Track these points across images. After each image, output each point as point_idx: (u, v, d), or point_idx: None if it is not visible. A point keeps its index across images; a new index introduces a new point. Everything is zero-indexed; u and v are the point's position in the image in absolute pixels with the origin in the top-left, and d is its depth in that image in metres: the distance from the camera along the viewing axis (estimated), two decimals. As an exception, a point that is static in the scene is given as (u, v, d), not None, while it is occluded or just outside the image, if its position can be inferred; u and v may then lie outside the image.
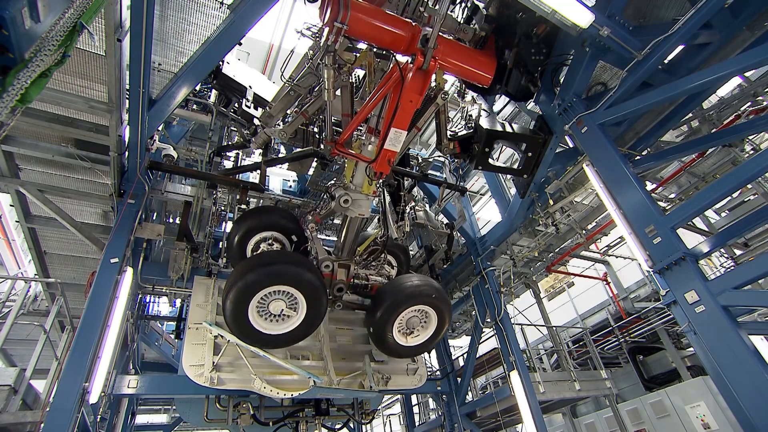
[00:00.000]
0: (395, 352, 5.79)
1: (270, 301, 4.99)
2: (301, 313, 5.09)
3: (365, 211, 5.14)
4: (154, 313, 11.24)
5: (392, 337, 5.52)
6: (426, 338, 5.77)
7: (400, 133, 4.34)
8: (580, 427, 12.02)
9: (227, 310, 4.85)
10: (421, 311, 5.62)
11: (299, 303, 5.07)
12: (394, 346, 5.62)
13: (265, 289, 4.82)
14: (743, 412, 3.77)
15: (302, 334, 5.24)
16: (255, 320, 4.98)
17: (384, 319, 5.38)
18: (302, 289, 4.95)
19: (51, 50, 1.79)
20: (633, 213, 5.00)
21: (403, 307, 5.39)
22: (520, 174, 6.53)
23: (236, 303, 4.82)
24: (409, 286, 5.41)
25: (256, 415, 6.85)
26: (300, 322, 5.10)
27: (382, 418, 16.86)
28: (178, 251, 6.73)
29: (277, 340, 5.18)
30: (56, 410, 4.37)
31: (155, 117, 5.25)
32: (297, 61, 5.89)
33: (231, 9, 4.64)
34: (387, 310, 5.33)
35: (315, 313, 5.12)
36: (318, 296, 5.03)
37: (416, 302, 5.46)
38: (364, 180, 4.98)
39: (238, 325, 4.99)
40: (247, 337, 5.13)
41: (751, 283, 4.14)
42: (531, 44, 5.60)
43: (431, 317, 5.73)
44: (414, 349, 5.81)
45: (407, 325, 5.60)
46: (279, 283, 4.86)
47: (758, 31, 5.12)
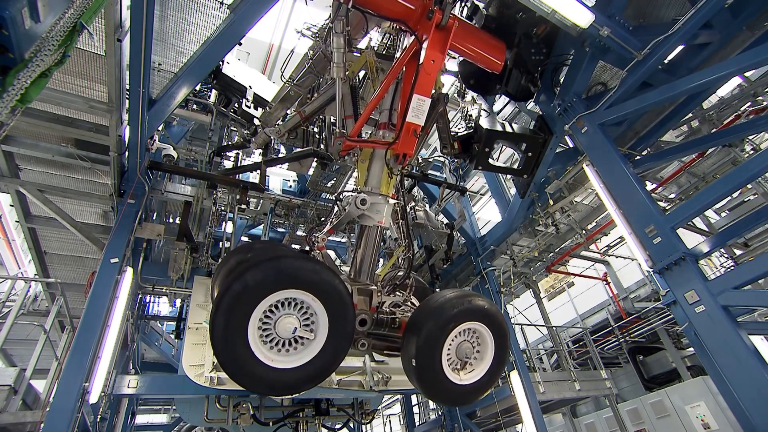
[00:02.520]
0: (451, 397, 3.97)
1: (278, 317, 3.28)
2: (320, 336, 3.38)
3: (385, 217, 4.02)
4: (154, 313, 11.24)
5: (444, 376, 3.83)
6: (485, 371, 4.03)
7: (424, 100, 3.76)
8: (580, 427, 12.02)
9: (217, 331, 3.06)
10: (471, 332, 4.05)
11: (318, 319, 3.39)
12: (449, 387, 3.86)
13: (273, 295, 3.23)
14: (743, 412, 3.78)
15: (321, 370, 3.42)
16: (257, 347, 3.22)
17: (429, 351, 3.72)
18: (323, 296, 3.37)
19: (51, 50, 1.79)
20: (633, 213, 5.00)
21: (449, 327, 3.84)
22: (520, 174, 6.53)
23: (233, 318, 3.12)
24: (448, 299, 3.95)
25: (256, 415, 6.85)
26: (320, 349, 3.37)
27: (382, 418, 16.86)
28: (178, 251, 6.73)
29: (286, 379, 3.32)
30: (56, 410, 4.36)
31: (155, 117, 5.25)
32: (297, 61, 5.89)
33: (231, 9, 4.64)
34: (430, 336, 3.72)
35: (340, 336, 3.42)
36: (344, 307, 3.43)
37: (463, 319, 3.94)
38: (382, 175, 4.08)
39: (234, 356, 3.14)
40: (245, 374, 3.21)
41: (751, 283, 4.15)
42: (531, 44, 5.60)
43: (485, 339, 4.08)
44: (473, 388, 3.98)
45: (458, 355, 3.93)
46: (292, 286, 3.28)
47: (758, 31, 5.13)
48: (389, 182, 4.14)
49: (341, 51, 4.06)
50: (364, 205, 3.87)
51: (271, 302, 3.25)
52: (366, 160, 4.14)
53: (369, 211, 3.94)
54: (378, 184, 4.09)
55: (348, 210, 3.91)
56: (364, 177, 4.14)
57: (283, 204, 9.35)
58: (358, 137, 4.14)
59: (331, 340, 3.40)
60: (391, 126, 4.10)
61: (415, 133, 3.79)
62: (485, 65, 4.81)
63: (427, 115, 3.96)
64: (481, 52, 4.70)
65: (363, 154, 4.15)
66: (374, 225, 4.01)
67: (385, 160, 3.95)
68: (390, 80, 3.94)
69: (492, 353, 4.11)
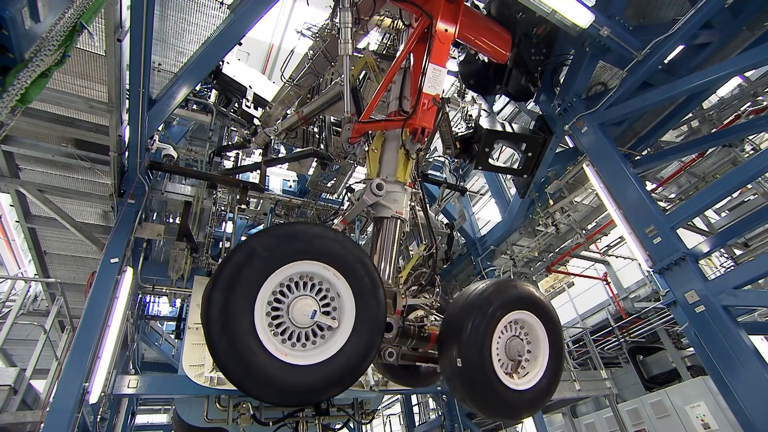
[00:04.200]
0: (508, 407, 3.19)
1: (292, 300, 2.58)
2: (346, 324, 2.65)
3: (403, 207, 3.57)
4: (154, 313, 11.25)
5: (498, 379, 3.10)
6: (541, 373, 3.34)
7: (440, 70, 3.53)
8: (580, 427, 12.02)
9: (213, 314, 2.30)
10: (519, 326, 3.44)
11: (342, 303, 2.68)
12: (504, 394, 3.12)
13: (285, 268, 2.52)
14: (743, 412, 3.78)
15: (349, 369, 2.59)
16: (266, 336, 2.46)
17: (476, 347, 3.04)
18: (348, 271, 2.68)
19: (51, 50, 1.79)
20: (633, 213, 5.00)
21: (496, 316, 3.20)
22: (520, 174, 6.54)
23: (234, 295, 2.36)
24: (490, 285, 3.35)
25: (256, 415, 6.85)
26: (346, 340, 2.60)
27: (382, 418, 16.86)
28: (178, 251, 6.74)
29: (306, 380, 2.47)
30: (56, 410, 4.36)
31: (155, 117, 5.25)
32: (297, 61, 5.90)
33: (231, 9, 4.64)
34: (475, 328, 3.07)
35: (370, 323, 2.69)
36: (374, 287, 2.74)
37: (511, 307, 3.33)
38: (397, 161, 3.66)
39: (235, 346, 2.33)
40: (251, 372, 2.35)
41: (751, 283, 4.15)
42: (531, 44, 5.61)
43: (536, 332, 3.44)
44: (532, 396, 3.26)
45: (508, 354, 3.27)
46: (309, 257, 2.59)
47: (758, 31, 5.13)
48: (406, 167, 3.70)
49: (348, 27, 3.83)
50: (381, 190, 3.38)
51: (282, 278, 2.55)
52: (377, 149, 3.78)
53: (385, 200, 3.47)
54: (393, 171, 3.64)
55: (363, 197, 3.39)
56: (376, 167, 3.73)
57: (283, 204, 9.35)
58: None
59: (360, 328, 2.64)
60: (402, 113, 3.81)
61: (435, 101, 3.49)
62: (491, 54, 4.71)
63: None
64: (487, 40, 4.58)
65: (374, 143, 3.81)
66: (392, 216, 3.50)
67: (401, 140, 3.57)
68: (401, 58, 3.78)
69: (547, 350, 3.42)
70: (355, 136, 3.74)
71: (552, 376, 3.38)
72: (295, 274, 2.62)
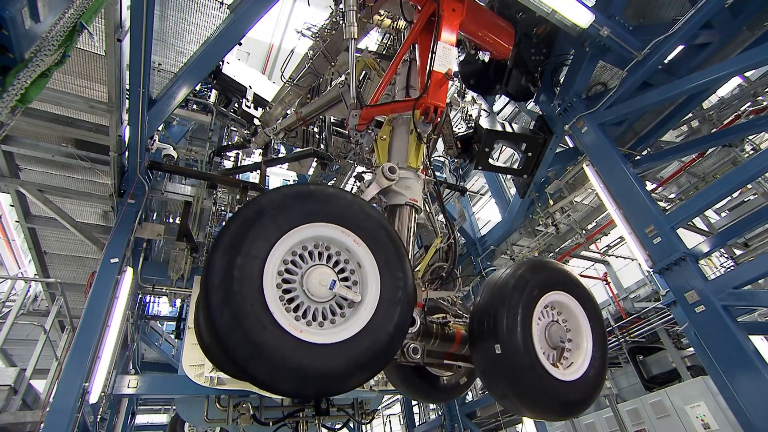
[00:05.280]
0: (557, 402, 2.75)
1: (306, 270, 2.23)
2: (370, 297, 2.26)
3: (417, 194, 3.35)
4: (154, 313, 11.26)
5: (543, 369, 2.68)
6: (587, 361, 2.96)
7: (450, 48, 3.39)
8: (580, 427, 12.01)
9: (213, 281, 1.94)
10: (556, 309, 3.09)
11: (364, 274, 2.32)
12: (552, 386, 2.69)
13: (299, 230, 2.19)
14: (743, 412, 3.77)
15: (378, 350, 2.17)
16: (278, 309, 2.04)
17: (516, 331, 2.65)
18: (370, 237, 2.36)
19: (51, 50, 1.79)
20: (633, 213, 5.00)
21: (533, 297, 2.84)
22: (520, 174, 6.53)
23: (240, 259, 1.99)
24: (522, 265, 3.02)
25: (256, 415, 6.85)
26: (371, 315, 2.20)
27: (382, 418, 16.86)
28: (178, 251, 6.74)
29: (327, 364, 2.03)
30: (56, 410, 4.37)
31: (155, 117, 5.25)
32: (297, 61, 5.90)
33: (231, 9, 4.64)
34: (512, 310, 2.71)
35: (399, 295, 2.30)
36: (401, 256, 2.42)
37: (547, 287, 2.97)
38: (408, 147, 3.44)
39: (241, 321, 1.90)
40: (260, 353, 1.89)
41: (751, 283, 4.15)
42: (531, 44, 5.60)
43: (576, 316, 3.08)
44: (582, 387, 2.86)
45: (550, 341, 2.90)
46: (325, 219, 2.27)
47: (758, 31, 5.12)
48: (418, 153, 3.47)
49: (353, 10, 3.75)
50: (394, 174, 3.09)
51: (294, 243, 2.19)
52: (386, 137, 3.60)
53: (398, 186, 3.23)
54: (405, 158, 3.41)
55: (375, 182, 3.12)
56: (385, 156, 3.53)
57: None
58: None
59: (387, 302, 2.25)
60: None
61: (447, 76, 3.30)
62: (494, 48, 4.64)
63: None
64: (490, 33, 4.51)
65: (382, 131, 3.63)
66: (405, 203, 3.26)
67: (412, 124, 3.37)
68: (409, 42, 3.71)
69: (590, 335, 3.05)
70: (363, 122, 3.54)
71: (600, 366, 2.99)
72: (309, 239, 2.26)
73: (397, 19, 5.53)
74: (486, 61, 6.27)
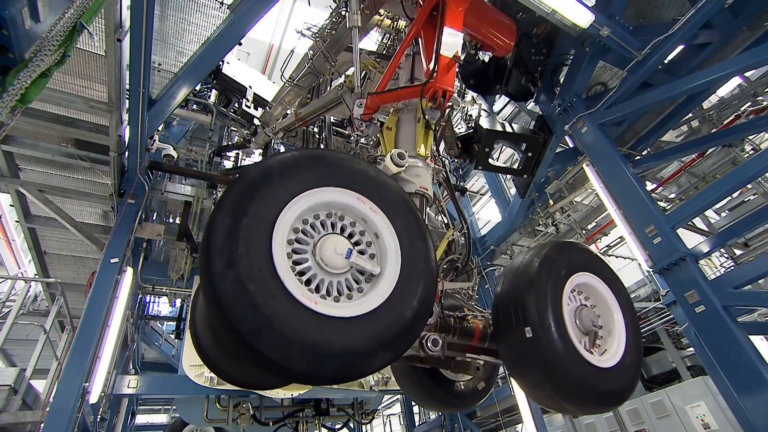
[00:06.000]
0: (597, 389, 2.47)
1: (319, 239, 2.03)
2: (390, 270, 2.05)
3: (427, 182, 3.21)
4: (154, 313, 11.25)
5: (578, 353, 2.44)
6: (622, 347, 2.73)
7: (456, 34, 3.31)
8: (580, 427, 12.01)
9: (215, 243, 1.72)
10: (583, 294, 2.86)
11: (382, 245, 2.12)
12: (590, 373, 2.44)
13: (310, 194, 2.00)
14: (743, 412, 3.77)
15: (398, 326, 1.91)
16: (289, 278, 1.79)
17: (547, 311, 2.44)
18: (388, 205, 2.18)
19: (51, 50, 1.79)
20: (633, 213, 5.00)
21: (561, 276, 2.66)
22: (520, 174, 6.53)
23: (245, 219, 1.79)
24: (544, 248, 2.85)
25: (256, 415, 6.85)
26: (391, 291, 1.98)
27: (382, 418, 16.87)
28: (178, 251, 6.74)
29: (344, 337, 1.75)
30: (56, 410, 4.37)
31: (155, 117, 5.26)
32: (297, 61, 5.90)
33: (231, 9, 4.64)
34: (541, 289, 2.50)
35: (421, 268, 2.10)
36: (420, 227, 2.23)
37: (575, 268, 2.78)
38: (416, 134, 3.35)
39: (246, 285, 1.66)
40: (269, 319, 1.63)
41: (751, 283, 4.15)
42: (531, 44, 5.61)
43: (604, 298, 2.86)
44: (621, 375, 2.62)
45: (581, 325, 2.67)
46: (339, 184, 2.09)
47: (758, 31, 5.12)
48: (426, 140, 3.34)
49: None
50: (403, 160, 2.91)
51: (305, 208, 1.97)
52: (392, 127, 3.49)
53: (407, 174, 3.08)
54: (413, 146, 3.30)
55: (383, 166, 2.93)
56: (392, 146, 3.40)
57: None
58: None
59: (409, 275, 2.02)
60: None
61: (456, 58, 3.21)
62: (495, 44, 4.58)
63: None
64: (492, 29, 4.46)
65: (388, 121, 3.55)
66: (416, 192, 3.11)
67: (420, 110, 3.27)
68: (411, 35, 3.63)
69: (621, 319, 2.82)
70: (368, 111, 3.42)
71: (635, 353, 2.76)
72: (321, 205, 2.05)
73: (397, 19, 5.54)
74: (486, 61, 6.27)
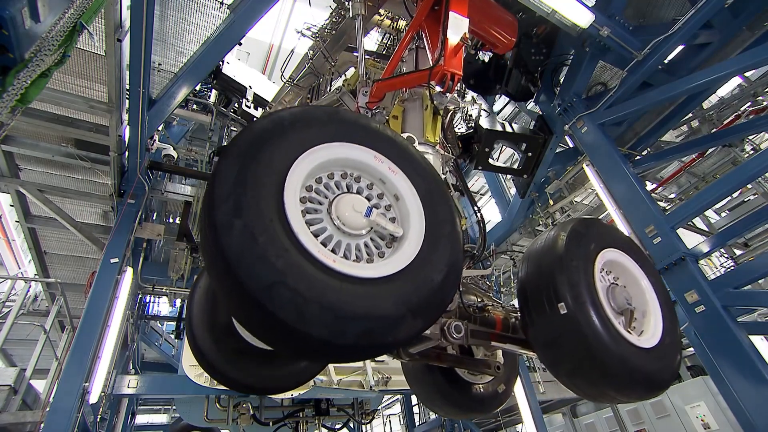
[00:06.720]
0: (641, 372, 2.23)
1: (335, 198, 1.84)
2: (413, 232, 1.84)
3: (437, 169, 3.07)
4: (154, 313, 11.25)
5: (617, 332, 2.23)
6: (660, 326, 2.52)
7: (461, 19, 3.25)
8: (580, 427, 12.02)
9: (220, 190, 1.50)
10: (612, 273, 2.65)
11: (404, 207, 1.94)
12: (631, 353, 2.22)
13: (326, 146, 1.83)
14: (743, 412, 3.77)
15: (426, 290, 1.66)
16: (303, 232, 1.55)
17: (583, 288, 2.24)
18: (408, 165, 2.02)
19: (51, 50, 1.79)
20: (633, 213, 5.00)
21: (591, 250, 2.47)
22: (520, 174, 6.52)
23: (255, 165, 1.58)
24: (569, 222, 2.63)
25: (256, 415, 6.86)
26: (416, 253, 1.73)
27: (382, 418, 16.86)
28: (178, 251, 6.74)
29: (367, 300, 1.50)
30: (56, 410, 4.36)
31: (155, 117, 5.25)
32: (297, 61, 5.90)
33: (231, 9, 4.64)
34: (576, 267, 2.31)
35: (444, 233, 1.88)
36: (444, 192, 2.09)
37: (603, 243, 2.56)
38: (424, 121, 3.24)
39: (256, 236, 1.42)
40: (283, 274, 1.39)
41: (751, 283, 4.15)
42: (531, 44, 5.61)
43: (635, 275, 2.67)
44: (662, 356, 2.40)
45: (615, 303, 2.46)
46: (355, 139, 1.92)
47: (758, 31, 5.13)
48: (435, 126, 3.22)
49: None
50: (413, 144, 2.66)
51: (318, 163, 1.79)
52: (398, 116, 3.41)
53: None
54: (421, 134, 3.19)
55: None
56: (399, 128, 3.32)
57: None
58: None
59: (434, 238, 1.82)
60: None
61: (463, 39, 3.13)
62: (496, 41, 4.51)
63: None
64: (493, 24, 4.40)
65: (394, 110, 3.47)
66: None
67: (429, 94, 3.14)
68: (417, 19, 3.57)
69: (655, 297, 2.62)
70: (374, 99, 3.32)
71: (674, 333, 2.55)
72: (337, 162, 1.86)
73: (397, 19, 5.53)
74: (486, 61, 6.27)
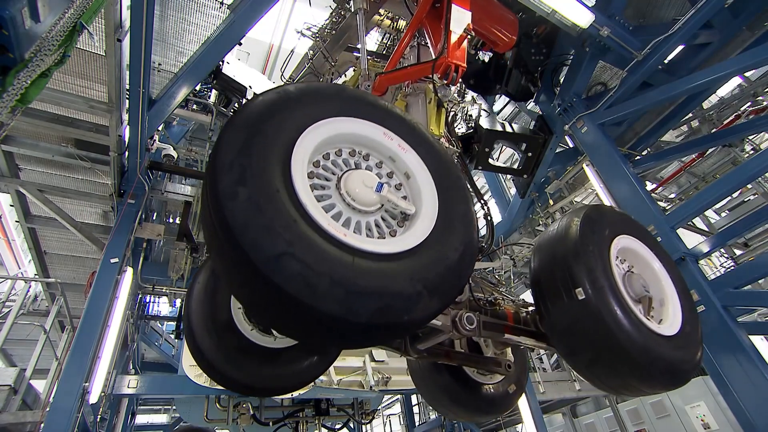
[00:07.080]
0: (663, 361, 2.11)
1: (345, 173, 1.76)
2: (426, 210, 1.75)
3: None
4: (154, 313, 11.25)
5: (636, 318, 2.12)
6: (679, 314, 2.41)
7: (464, 12, 3.24)
8: (580, 427, 12.02)
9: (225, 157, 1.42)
10: (626, 261, 2.56)
11: (416, 184, 1.85)
12: (652, 341, 2.10)
13: (334, 120, 1.75)
14: (743, 412, 3.78)
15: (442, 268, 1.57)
16: (312, 204, 1.46)
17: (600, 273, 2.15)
18: (418, 142, 1.94)
19: (51, 50, 1.79)
20: (633, 213, 4.98)
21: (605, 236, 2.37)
22: (520, 174, 6.52)
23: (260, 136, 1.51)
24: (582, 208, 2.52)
25: (256, 415, 6.85)
26: (430, 231, 1.65)
27: (382, 418, 16.85)
28: (178, 251, 6.74)
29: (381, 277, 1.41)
30: (56, 410, 4.36)
31: (155, 117, 5.25)
32: (297, 61, 5.90)
33: (231, 9, 4.64)
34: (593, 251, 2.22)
35: (457, 214, 1.79)
36: (457, 173, 2.01)
37: (617, 229, 2.47)
38: (428, 112, 3.21)
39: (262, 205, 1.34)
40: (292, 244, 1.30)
41: (751, 283, 4.16)
42: (531, 44, 5.61)
43: (650, 263, 2.58)
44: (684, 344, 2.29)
45: (632, 290, 2.35)
46: (364, 115, 1.85)
47: (758, 31, 5.13)
48: (439, 119, 3.15)
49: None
50: None
51: (326, 137, 1.72)
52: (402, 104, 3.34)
53: None
54: (425, 118, 3.16)
55: None
56: None
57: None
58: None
59: (448, 217, 1.75)
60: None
61: (467, 30, 3.07)
62: (497, 39, 4.49)
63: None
64: (494, 22, 4.39)
65: (397, 105, 3.43)
66: None
67: (433, 87, 3.07)
68: (419, 14, 3.55)
69: (672, 285, 2.51)
70: (376, 93, 3.27)
71: (694, 321, 2.44)
72: (344, 138, 1.80)
73: (397, 19, 5.53)
74: (486, 61, 6.27)
